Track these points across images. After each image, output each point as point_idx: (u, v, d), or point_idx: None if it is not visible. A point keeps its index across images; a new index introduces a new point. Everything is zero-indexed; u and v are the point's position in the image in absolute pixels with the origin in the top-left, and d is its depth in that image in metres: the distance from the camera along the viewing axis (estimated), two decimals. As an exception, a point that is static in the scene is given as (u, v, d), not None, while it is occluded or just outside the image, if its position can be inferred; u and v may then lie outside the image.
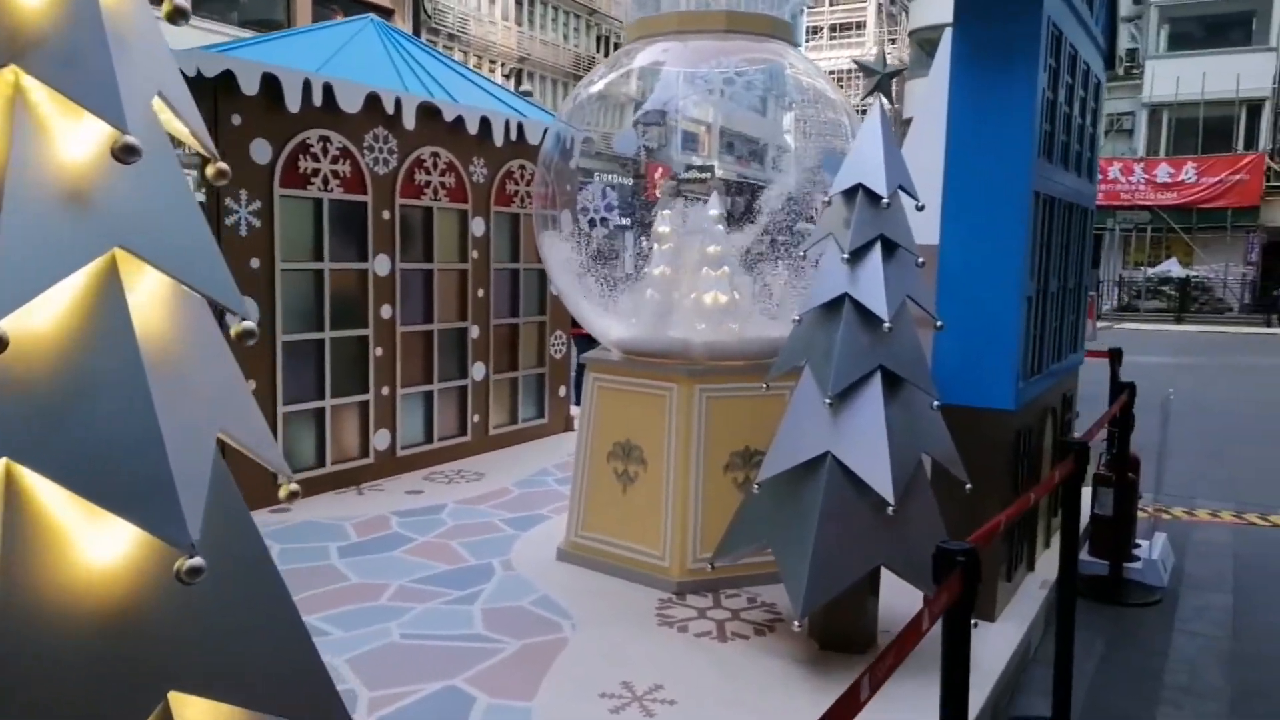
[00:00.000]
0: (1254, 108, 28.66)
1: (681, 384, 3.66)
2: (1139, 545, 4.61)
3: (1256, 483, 6.53)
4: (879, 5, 65.65)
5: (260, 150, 4.51)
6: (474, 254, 5.75)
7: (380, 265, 5.15)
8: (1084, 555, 4.52)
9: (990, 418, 3.43)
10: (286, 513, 4.57)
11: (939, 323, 3.09)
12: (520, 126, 5.90)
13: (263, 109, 4.49)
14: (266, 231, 4.56)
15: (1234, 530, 5.31)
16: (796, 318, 3.10)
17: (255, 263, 4.51)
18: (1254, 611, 4.14)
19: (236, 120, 4.39)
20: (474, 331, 5.79)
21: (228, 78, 4.27)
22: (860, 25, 63.53)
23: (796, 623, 2.80)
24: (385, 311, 5.20)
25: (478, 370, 5.84)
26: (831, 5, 63.63)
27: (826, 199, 3.13)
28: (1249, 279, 28.42)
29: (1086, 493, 5.11)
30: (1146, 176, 28.63)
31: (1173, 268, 27.98)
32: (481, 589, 3.62)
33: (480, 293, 5.82)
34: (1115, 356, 5.88)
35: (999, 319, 3.36)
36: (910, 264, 3.05)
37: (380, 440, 5.23)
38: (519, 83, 30.83)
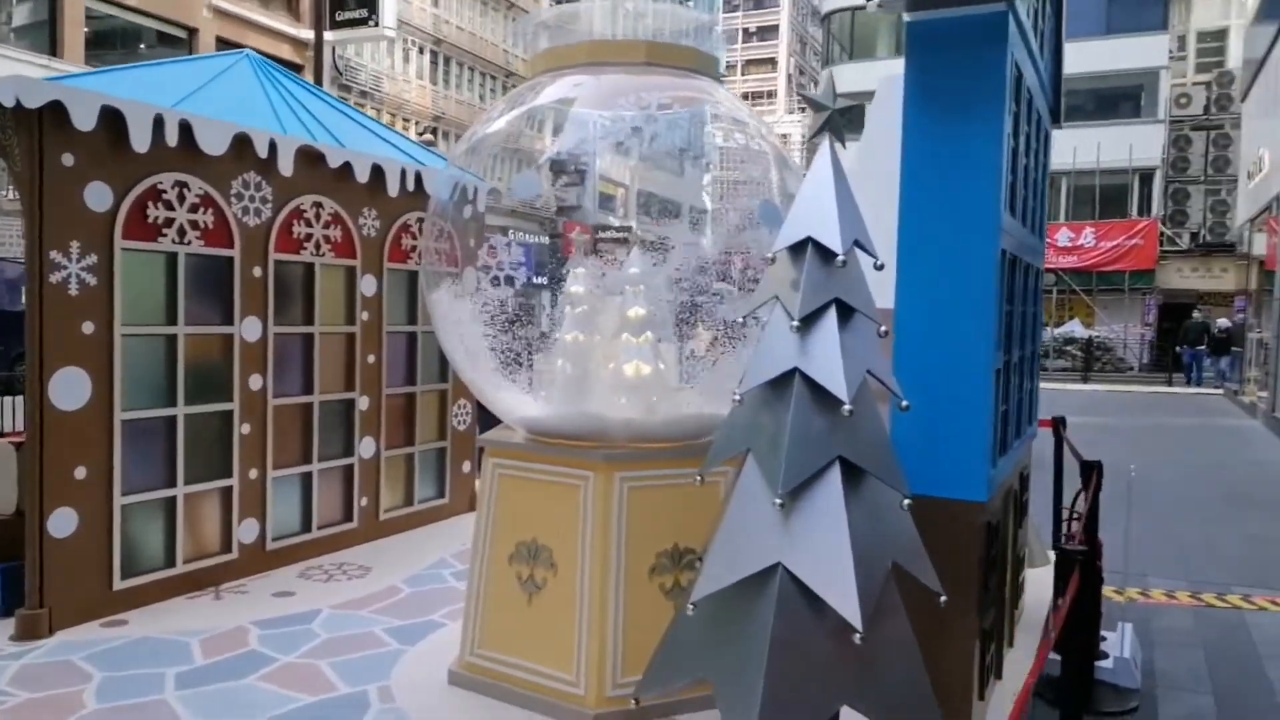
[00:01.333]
0: (1146, 176, 30.01)
1: (598, 471, 3.07)
2: (1104, 639, 4.17)
3: (1204, 555, 6.24)
4: (789, 75, 67.68)
5: (98, 195, 3.82)
6: (364, 315, 5.10)
7: (249, 329, 4.45)
8: (1051, 654, 4.05)
9: (958, 510, 2.93)
10: (122, 626, 3.79)
11: (904, 403, 2.58)
12: (419, 176, 5.32)
13: (102, 148, 3.82)
14: (104, 290, 3.84)
15: (1195, 614, 4.95)
16: (736, 396, 2.55)
17: (88, 327, 3.78)
18: (1243, 717, 3.71)
19: (68, 160, 3.71)
20: (363, 403, 5.10)
21: (56, 110, 3.60)
22: (771, 94, 65.32)
23: (744, 785, 2.20)
24: (255, 382, 4.49)
25: (366, 446, 5.14)
26: (743, 75, 65.30)
27: (770, 256, 2.62)
28: (1147, 339, 29.43)
29: (1037, 576, 4.70)
30: (1049, 240, 29.55)
31: (1075, 328, 28.77)
32: (351, 731, 2.93)
33: (371, 359, 5.15)
34: (1059, 424, 5.53)
35: (967, 396, 2.88)
36: (870, 333, 2.55)
37: (246, 532, 4.48)
38: (435, 141, 30.31)
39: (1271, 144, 17.52)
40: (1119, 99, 29.66)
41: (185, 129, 4.07)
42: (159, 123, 3.96)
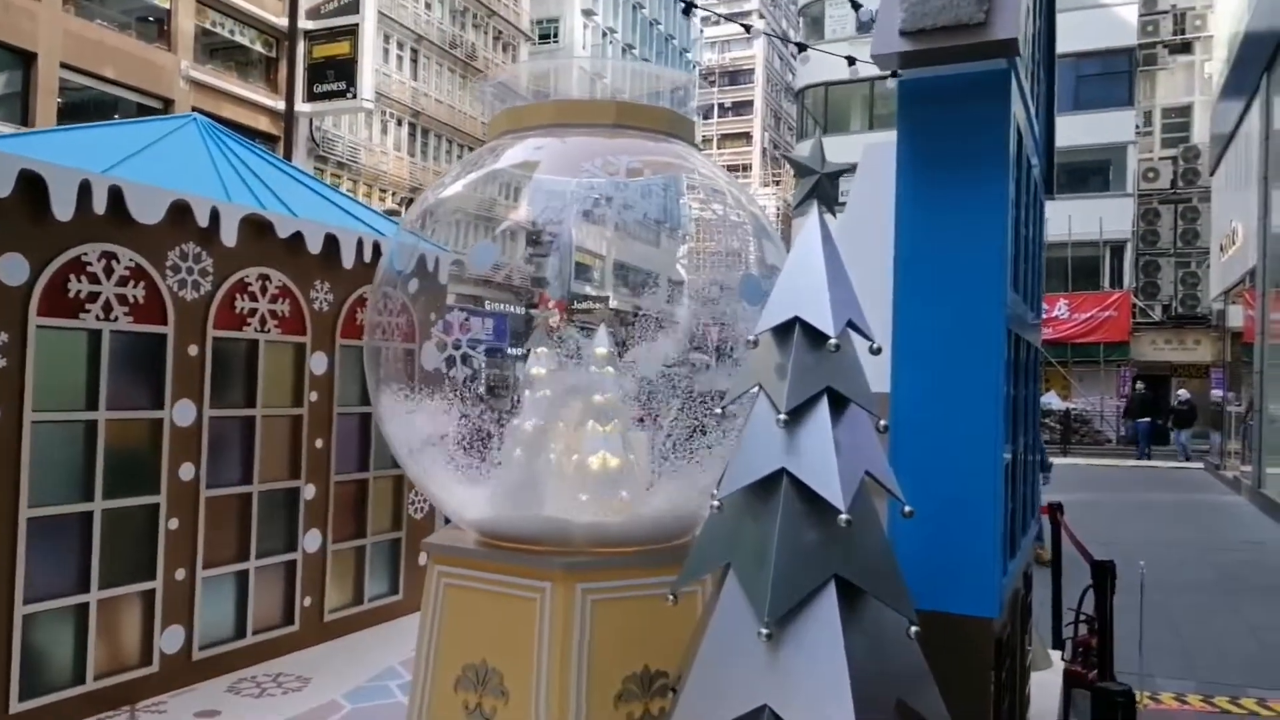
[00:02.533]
0: (1117, 248, 30.41)
1: (557, 582, 2.69)
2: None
3: (1210, 652, 5.87)
4: (764, 150, 68.89)
5: (11, 268, 3.46)
6: (312, 396, 4.71)
7: (182, 413, 4.06)
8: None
9: (966, 628, 2.56)
10: (15, 756, 3.31)
11: (907, 508, 2.23)
12: (377, 246, 4.99)
13: (19, 216, 3.47)
14: (14, 372, 3.46)
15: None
16: (715, 502, 2.19)
17: (-8, 413, 3.38)
18: None
19: (-24, 228, 3.36)
20: (309, 491, 4.69)
21: (-35, 173, 3.26)
22: (747, 167, 66.38)
23: None
24: (186, 472, 4.08)
25: (311, 540, 4.71)
26: (718, 149, 66.39)
27: (752, 338, 2.29)
28: (1123, 411, 29.40)
29: (1040, 680, 4.31)
30: (1023, 312, 29.70)
31: (1053, 401, 28.72)
32: None
33: (319, 443, 4.75)
34: (1056, 511, 5.20)
35: (976, 496, 2.54)
36: (867, 427, 2.22)
37: (170, 640, 4.01)
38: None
39: (1244, 217, 17.68)
40: (1089, 173, 30.15)
41: (116, 196, 3.74)
42: (85, 189, 3.62)
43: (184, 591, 4.07)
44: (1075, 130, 28.95)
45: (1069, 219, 27.58)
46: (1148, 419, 25.07)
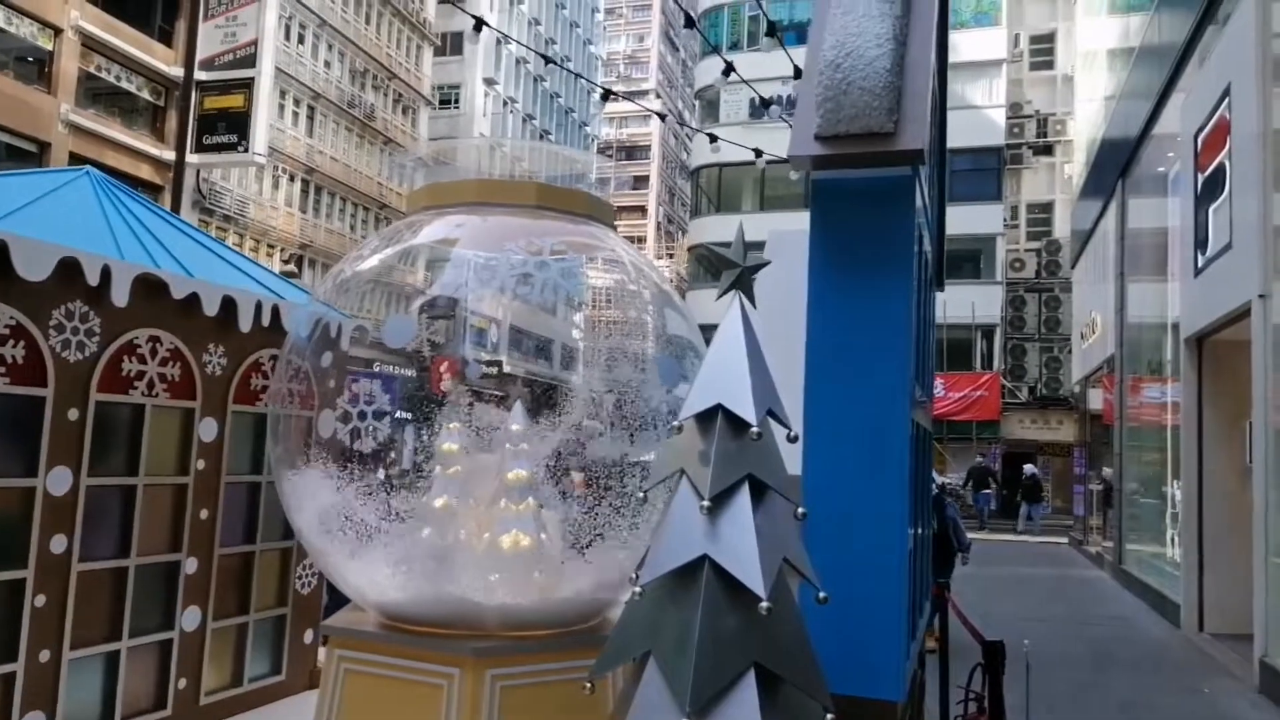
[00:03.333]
0: (988, 331, 32.17)
1: (466, 668, 2.62)
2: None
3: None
4: (658, 224, 70.45)
5: (-126, 322, 3.22)
6: (199, 464, 4.49)
7: (56, 481, 3.81)
8: None
9: (872, 711, 2.61)
10: None
11: (821, 594, 2.28)
12: (275, 310, 4.85)
13: (-110, 267, 3.25)
14: None
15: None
16: (636, 589, 2.20)
17: None
18: None
19: None
20: (190, 565, 4.43)
21: None
22: (641, 239, 67.63)
23: None
24: (57, 544, 3.81)
25: (190, 617, 4.44)
26: (615, 226, 67.48)
27: (676, 424, 2.33)
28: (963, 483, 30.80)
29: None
30: (902, 390, 30.98)
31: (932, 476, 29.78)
32: None
33: (204, 514, 4.52)
34: (944, 589, 5.38)
35: (884, 582, 2.62)
36: (787, 515, 2.27)
37: (29, 728, 3.70)
38: (299, 270, 29.52)
39: (1102, 308, 18.99)
40: (962, 260, 31.93)
41: (1, 250, 3.54)
42: (-35, 241, 3.42)
43: (48, 674, 3.77)
44: (949, 221, 30.74)
45: (944, 303, 28.90)
46: (987, 490, 26.48)
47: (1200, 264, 10.96)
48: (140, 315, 4.17)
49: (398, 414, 3.28)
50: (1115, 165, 17.47)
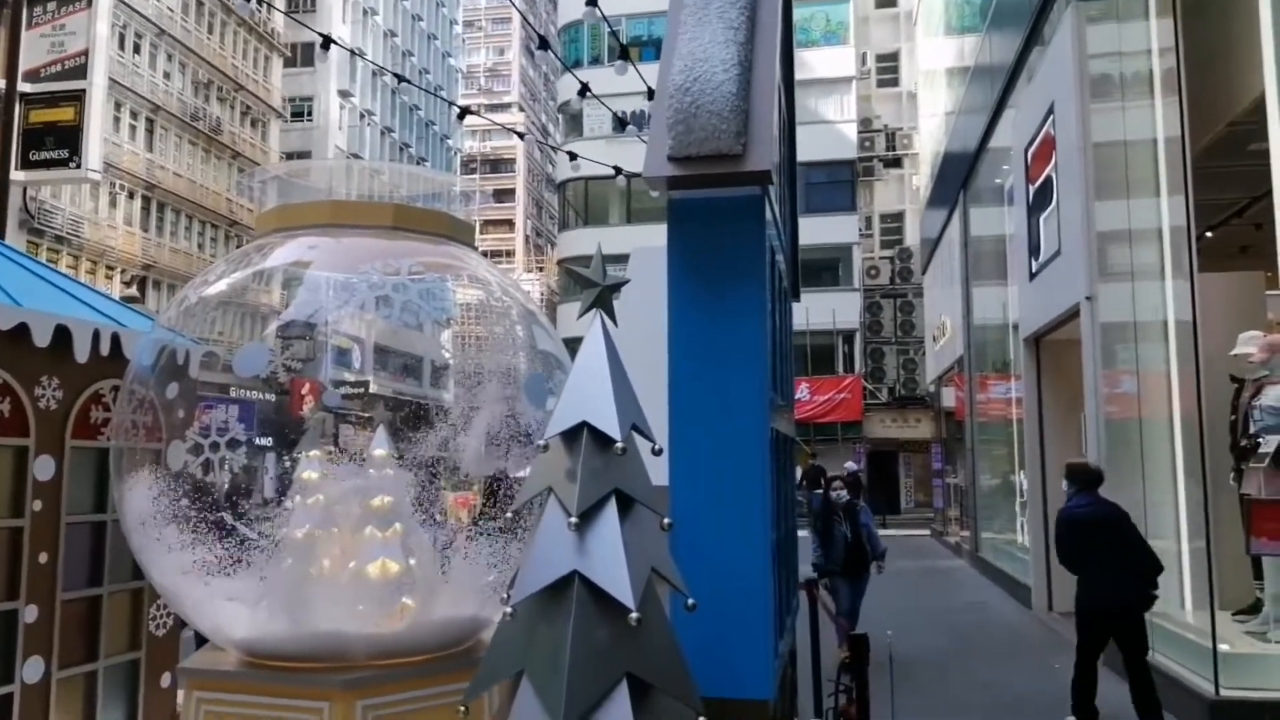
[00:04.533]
0: (848, 336, 33.45)
1: (335, 700, 2.55)
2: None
3: (953, 710, 6.44)
4: (526, 237, 70.11)
5: None
6: (35, 505, 4.19)
7: None
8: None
9: (743, 711, 2.69)
10: None
11: (690, 600, 2.34)
12: (116, 338, 4.59)
13: None
14: None
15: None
16: (508, 608, 2.20)
17: None
18: None
19: None
20: (29, 613, 4.13)
21: None
22: (510, 253, 67.15)
23: None
24: None
25: (33, 669, 4.13)
26: (481, 234, 66.82)
27: (542, 443, 2.35)
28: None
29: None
30: (769, 394, 31.88)
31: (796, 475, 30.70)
32: None
33: (43, 558, 4.21)
34: (812, 586, 5.57)
35: (750, 585, 2.71)
36: (653, 526, 2.32)
37: None
38: (142, 292, 27.93)
39: (951, 312, 20.07)
40: (821, 269, 33.11)
41: None
42: None
43: None
44: (807, 231, 31.74)
45: (806, 310, 29.99)
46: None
47: (1034, 269, 11.74)
48: (-37, 348, 3.88)
49: (255, 441, 3.17)
50: (957, 177, 18.53)
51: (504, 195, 70.26)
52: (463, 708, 2.27)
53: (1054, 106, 10.66)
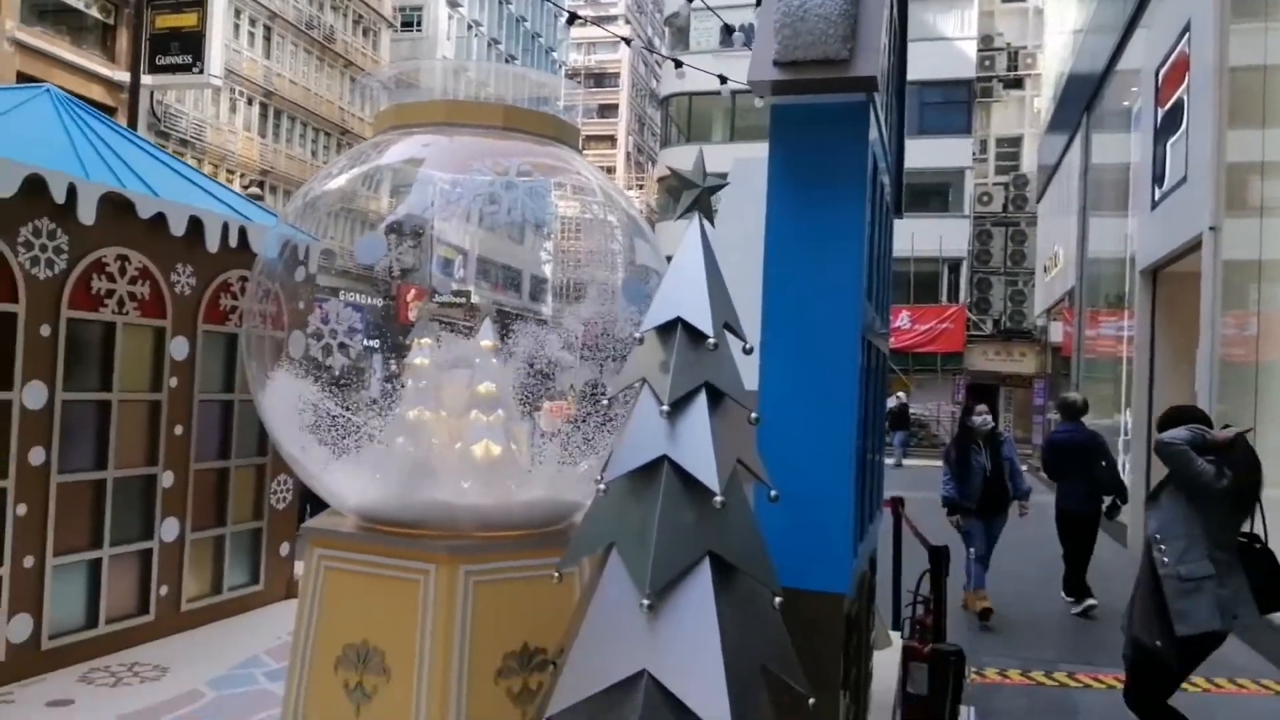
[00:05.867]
0: (954, 265, 32.47)
1: (441, 564, 2.78)
2: (948, 724, 4.16)
3: (1029, 632, 6.47)
4: (628, 154, 69.61)
5: None
6: (172, 381, 4.58)
7: (32, 395, 3.89)
8: (895, 740, 4.00)
9: (821, 604, 2.82)
10: None
11: (774, 493, 2.46)
12: (243, 231, 4.90)
13: None
14: None
15: (1027, 693, 5.07)
16: (601, 486, 2.36)
17: None
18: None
19: None
20: (166, 479, 4.56)
21: None
22: (611, 170, 66.89)
23: None
24: (36, 456, 3.91)
25: (169, 528, 4.58)
26: (583, 150, 66.66)
27: (638, 335, 2.47)
28: (957, 416, 31.46)
29: (882, 659, 4.68)
30: (867, 322, 31.43)
31: (891, 403, 30.39)
32: None
33: (178, 430, 4.62)
34: (898, 504, 5.63)
35: (833, 485, 2.81)
36: (741, 419, 2.43)
37: (18, 629, 3.84)
38: (261, 196, 28.99)
39: (1065, 242, 19.28)
40: (930, 194, 32.07)
41: (-34, 166, 3.55)
42: (-67, 157, 3.44)
43: (32, 579, 3.91)
44: (919, 154, 30.75)
45: (912, 236, 29.25)
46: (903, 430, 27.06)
47: (1157, 197, 11.19)
48: (108, 234, 4.21)
49: (368, 332, 3.39)
50: (1081, 100, 17.59)
51: (607, 110, 69.70)
52: (557, 575, 2.46)
53: (1190, 25, 9.99)
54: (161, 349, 4.55)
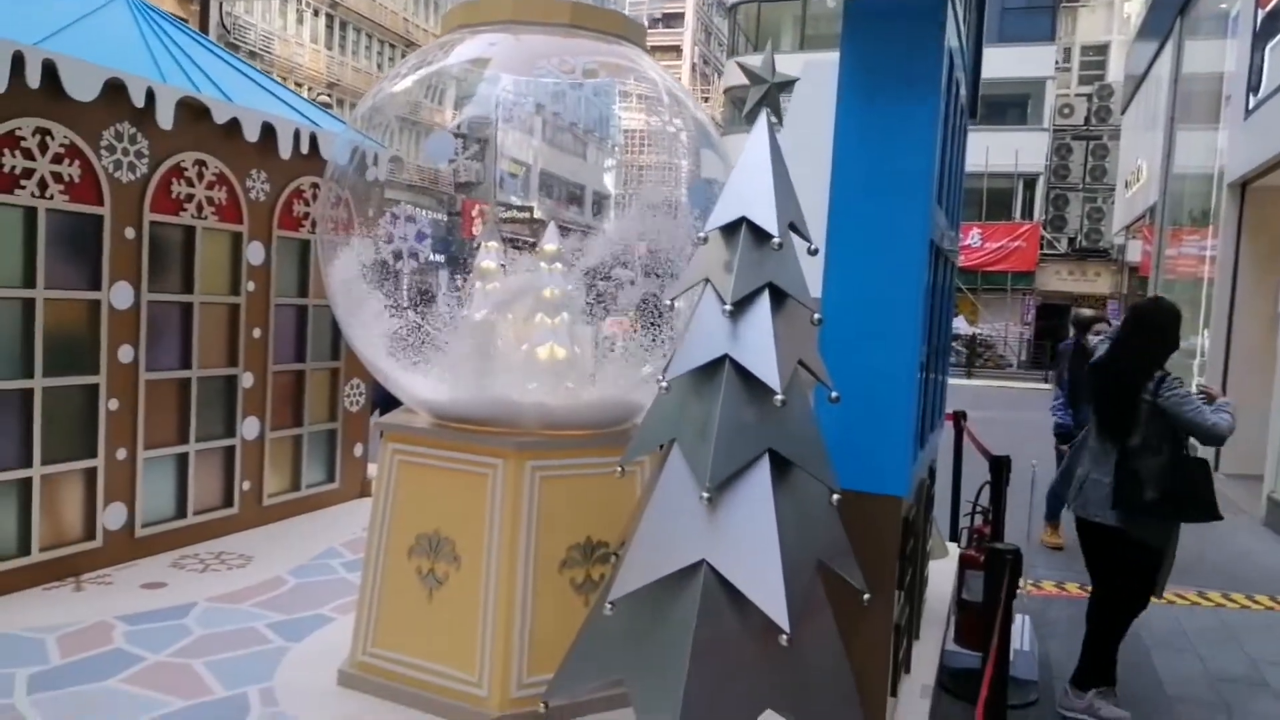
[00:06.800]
0: (1030, 181, 31.31)
1: (508, 459, 2.87)
2: (1004, 632, 4.20)
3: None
4: (693, 65, 67.97)
5: (-56, 137, 3.39)
6: (250, 286, 4.73)
7: (120, 296, 4.06)
8: (950, 645, 4.07)
9: (879, 505, 2.86)
10: (-35, 622, 3.40)
11: (834, 394, 2.47)
12: (314, 138, 4.97)
13: (-49, 84, 3.39)
14: (-50, 245, 3.42)
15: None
16: (663, 384, 2.40)
17: (-70, 286, 3.36)
18: (1133, 705, 3.80)
19: (-92, 95, 3.28)
20: (247, 379, 4.75)
21: (-106, 36, 3.16)
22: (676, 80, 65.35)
23: (662, 796, 2.06)
24: (125, 354, 4.10)
25: (250, 427, 4.79)
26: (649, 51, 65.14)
27: (702, 235, 2.47)
28: (1025, 338, 30.79)
29: (938, 568, 4.73)
30: (938, 239, 30.61)
31: (960, 325, 29.81)
32: (227, 740, 2.67)
33: (256, 332, 4.79)
34: (960, 418, 5.60)
35: (894, 388, 2.81)
36: (804, 321, 2.44)
37: (113, 517, 4.09)
38: (330, 104, 29.12)
39: (1149, 156, 18.44)
40: (1008, 106, 30.76)
41: (49, 70, 3.65)
42: (19, 61, 3.54)
43: (125, 471, 4.14)
44: (997, 63, 29.30)
45: (986, 150, 28.24)
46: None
47: (1251, 105, 10.59)
48: (186, 139, 4.32)
49: (436, 239, 3.45)
50: (1174, 4, 16.56)
51: (672, 20, 67.86)
52: (619, 470, 2.53)
53: (1303, -84, 9.28)
54: (239, 254, 4.69)
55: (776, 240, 2.36)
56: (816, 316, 2.45)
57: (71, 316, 3.90)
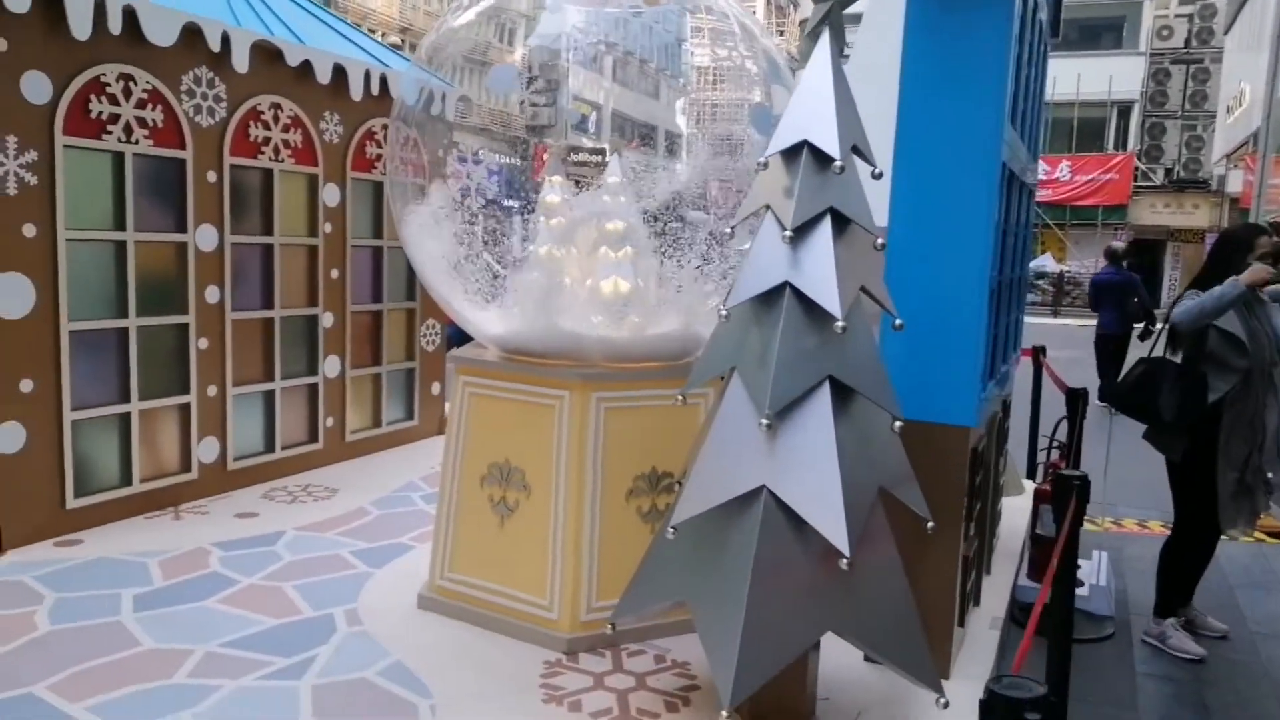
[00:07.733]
0: (1124, 109, 29.80)
1: (574, 391, 2.92)
2: (1079, 567, 4.14)
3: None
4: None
5: (35, 86, 3.53)
6: (326, 227, 4.85)
7: (204, 238, 4.21)
8: (1022, 579, 4.03)
9: (946, 436, 2.82)
10: (76, 546, 3.64)
11: (898, 321, 2.44)
12: (384, 79, 5.03)
13: (38, 33, 3.52)
14: (45, 190, 3.59)
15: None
16: (723, 312, 2.40)
17: (30, 229, 3.54)
18: (1211, 645, 3.72)
19: (1, 45, 3.41)
20: (327, 319, 4.90)
21: (-17, -14, 3.29)
22: (751, 14, 63.75)
23: (725, 712, 2.12)
24: (212, 294, 4.27)
25: (331, 365, 4.95)
26: (722, -7, 63.60)
27: (762, 161, 2.44)
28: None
29: (1013, 505, 4.66)
30: (1024, 172, 29.42)
31: (1047, 263, 28.79)
32: (315, 654, 2.82)
33: (334, 273, 4.93)
34: (1039, 353, 5.47)
35: (962, 317, 2.75)
36: (867, 246, 2.40)
37: (206, 451, 4.31)
38: (401, 46, 29.31)
39: (1254, 79, 17.37)
40: (1101, 29, 29.24)
41: (129, 15, 3.76)
42: (100, 7, 3.65)
43: (216, 407, 4.34)
44: (1090, -16, 27.92)
45: (1078, 77, 26.92)
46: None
47: (1370, 20, 9.86)
48: (261, 82, 4.41)
49: (504, 174, 3.49)
50: (1289, -91, 15.40)
51: (748, -49, 65.97)
52: (680, 398, 2.56)
53: None
54: (315, 195, 4.80)
55: (838, 164, 2.32)
56: (880, 242, 2.41)
57: (160, 258, 4.07)
